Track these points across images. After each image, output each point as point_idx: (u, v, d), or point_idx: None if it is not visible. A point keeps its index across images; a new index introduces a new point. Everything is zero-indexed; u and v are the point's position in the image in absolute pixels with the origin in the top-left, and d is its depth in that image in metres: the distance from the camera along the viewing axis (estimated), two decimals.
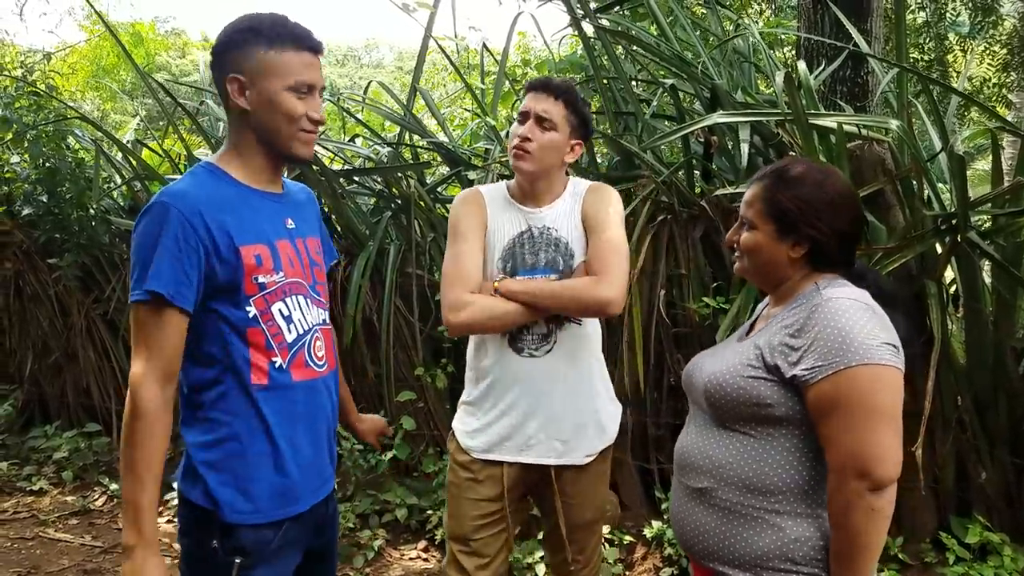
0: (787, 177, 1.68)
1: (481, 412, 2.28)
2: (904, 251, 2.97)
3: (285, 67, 1.68)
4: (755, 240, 1.71)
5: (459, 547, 2.28)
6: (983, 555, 3.07)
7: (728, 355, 1.72)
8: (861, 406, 1.48)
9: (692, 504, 1.71)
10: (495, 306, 2.13)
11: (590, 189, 2.29)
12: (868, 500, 1.47)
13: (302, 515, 1.78)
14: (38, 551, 4.08)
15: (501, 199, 2.31)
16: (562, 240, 2.22)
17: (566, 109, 2.20)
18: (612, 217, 2.21)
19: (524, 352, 2.20)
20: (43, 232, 5.08)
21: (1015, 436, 3.14)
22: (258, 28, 1.68)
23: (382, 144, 4.91)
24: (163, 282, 1.58)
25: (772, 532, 1.59)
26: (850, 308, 1.54)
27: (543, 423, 2.20)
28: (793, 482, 1.59)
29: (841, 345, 1.49)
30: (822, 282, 1.66)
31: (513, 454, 2.23)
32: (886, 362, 1.49)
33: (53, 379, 5.59)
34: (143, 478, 1.58)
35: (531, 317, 2.15)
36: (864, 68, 5.04)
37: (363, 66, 41.62)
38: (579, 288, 2.10)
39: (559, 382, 2.20)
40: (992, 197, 3.04)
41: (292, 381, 1.75)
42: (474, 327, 2.20)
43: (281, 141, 1.73)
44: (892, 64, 3.92)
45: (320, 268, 1.92)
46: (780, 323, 1.64)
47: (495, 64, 5.06)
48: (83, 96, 14.51)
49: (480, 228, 2.25)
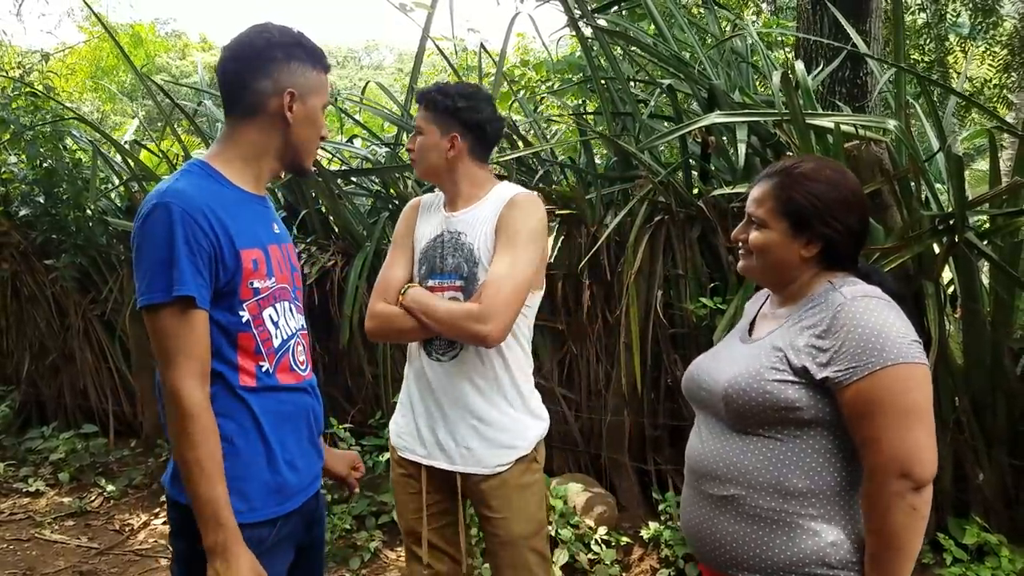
0: (801, 175, 1.65)
1: (402, 413, 2.36)
2: (902, 251, 2.96)
3: (323, 88, 1.80)
4: (767, 238, 1.67)
5: (410, 540, 2.36)
6: (980, 556, 3.06)
7: (739, 358, 1.69)
8: (898, 406, 1.47)
9: (715, 513, 1.66)
10: (398, 321, 2.20)
11: (511, 202, 2.20)
12: (909, 500, 1.45)
13: (294, 512, 1.78)
14: (34, 552, 4.07)
15: (435, 205, 2.35)
16: (467, 245, 2.20)
17: (427, 111, 2.23)
18: (520, 237, 2.13)
19: (433, 356, 2.24)
20: (40, 233, 5.08)
21: (1013, 437, 3.13)
22: (303, 45, 1.76)
23: (380, 145, 4.91)
24: (188, 285, 1.57)
25: (808, 536, 1.55)
26: (877, 307, 1.53)
27: (449, 428, 2.21)
28: (825, 484, 1.57)
29: (875, 345, 1.48)
30: (836, 281, 1.64)
31: (427, 458, 2.25)
32: (918, 360, 1.49)
33: (50, 380, 5.59)
34: (213, 475, 1.58)
35: (429, 333, 2.19)
36: (863, 69, 5.04)
37: (363, 68, 41.64)
38: (458, 317, 2.09)
39: (464, 388, 2.19)
40: (990, 197, 3.03)
41: (279, 383, 1.75)
42: (383, 337, 2.41)
43: (305, 155, 1.82)
44: (890, 64, 3.92)
45: (299, 273, 1.94)
46: (800, 324, 1.61)
47: (493, 66, 5.05)
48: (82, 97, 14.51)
49: (408, 235, 2.34)
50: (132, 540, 4.20)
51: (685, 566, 3.34)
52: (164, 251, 1.57)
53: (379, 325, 2.25)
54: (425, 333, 2.19)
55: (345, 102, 5.72)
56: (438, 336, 2.20)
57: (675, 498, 3.60)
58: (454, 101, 2.20)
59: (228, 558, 1.57)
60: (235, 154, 1.76)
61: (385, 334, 2.31)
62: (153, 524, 4.36)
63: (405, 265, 2.30)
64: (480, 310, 2.05)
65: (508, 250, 2.12)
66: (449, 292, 2.21)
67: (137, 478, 4.83)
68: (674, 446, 3.77)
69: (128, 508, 4.57)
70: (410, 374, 2.33)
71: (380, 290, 2.27)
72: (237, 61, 1.73)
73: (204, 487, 1.57)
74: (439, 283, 2.23)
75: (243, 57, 1.73)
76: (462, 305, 2.12)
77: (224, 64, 1.74)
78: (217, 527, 1.57)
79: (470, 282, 2.18)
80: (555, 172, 4.19)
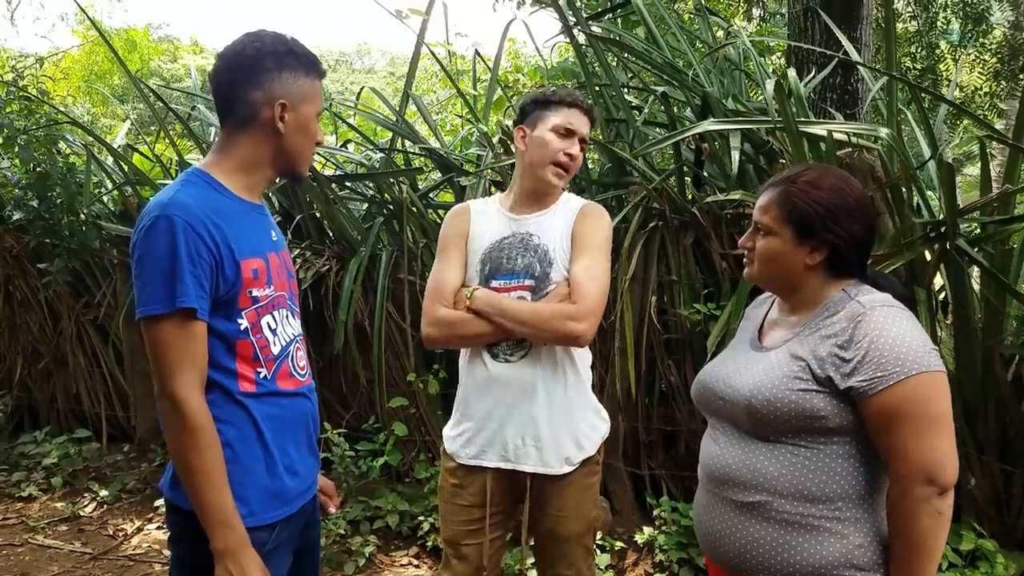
0: (806, 183, 1.67)
1: (463, 417, 2.30)
2: (893, 258, 2.99)
3: (317, 95, 1.79)
4: (772, 246, 1.70)
5: (451, 551, 2.32)
6: (973, 561, 3.08)
7: (758, 367, 1.70)
8: (923, 415, 1.50)
9: (740, 519, 1.67)
10: (465, 325, 2.18)
11: (587, 208, 2.29)
12: (935, 505, 1.49)
13: (292, 516, 1.80)
14: (27, 558, 4.06)
15: (491, 209, 2.35)
16: (542, 247, 2.22)
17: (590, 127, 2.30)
18: (602, 244, 2.23)
19: (499, 357, 2.22)
20: (33, 237, 5.07)
21: (1004, 443, 3.15)
22: (296, 53, 1.75)
23: (374, 150, 4.92)
24: (190, 297, 1.58)
25: (836, 540, 1.57)
26: (898, 317, 1.56)
27: (519, 429, 2.20)
28: (852, 488, 1.59)
29: (898, 355, 1.50)
30: (851, 289, 1.66)
31: (493, 460, 2.24)
32: (938, 368, 1.52)
33: (43, 384, 5.57)
34: (219, 482, 1.61)
35: (502, 336, 2.18)
36: (854, 76, 5.06)
37: (355, 71, 41.62)
38: (550, 317, 2.11)
39: (534, 388, 2.20)
40: (980, 205, 3.06)
41: (278, 389, 1.77)
42: (445, 344, 2.30)
43: (300, 162, 1.81)
44: (881, 72, 3.95)
45: (294, 279, 1.94)
46: (819, 332, 1.63)
47: (487, 71, 5.07)
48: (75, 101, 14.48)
49: (461, 240, 2.30)
50: (126, 545, 4.19)
51: (679, 571, 3.35)
52: (166, 263, 1.58)
53: (444, 332, 2.21)
54: (496, 336, 2.18)
55: (339, 106, 5.72)
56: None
57: (669, 503, 3.61)
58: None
59: (239, 559, 1.60)
60: (232, 164, 1.76)
61: (448, 340, 2.26)
62: (147, 529, 4.35)
63: (459, 268, 2.27)
64: (576, 310, 2.10)
65: (592, 255, 2.19)
66: (517, 292, 2.21)
67: (131, 483, 4.81)
68: (668, 451, 3.79)
69: (122, 513, 4.56)
70: (469, 380, 2.28)
71: (436, 295, 2.23)
72: (229, 71, 1.73)
73: (212, 493, 1.59)
74: (506, 283, 2.22)
75: (234, 67, 1.73)
76: (554, 305, 2.14)
77: (217, 75, 1.75)
78: (226, 531, 1.60)
79: (541, 281, 2.20)
80: None
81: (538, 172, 2.24)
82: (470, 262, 2.28)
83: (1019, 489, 3.15)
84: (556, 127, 2.22)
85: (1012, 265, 3.16)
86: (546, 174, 2.23)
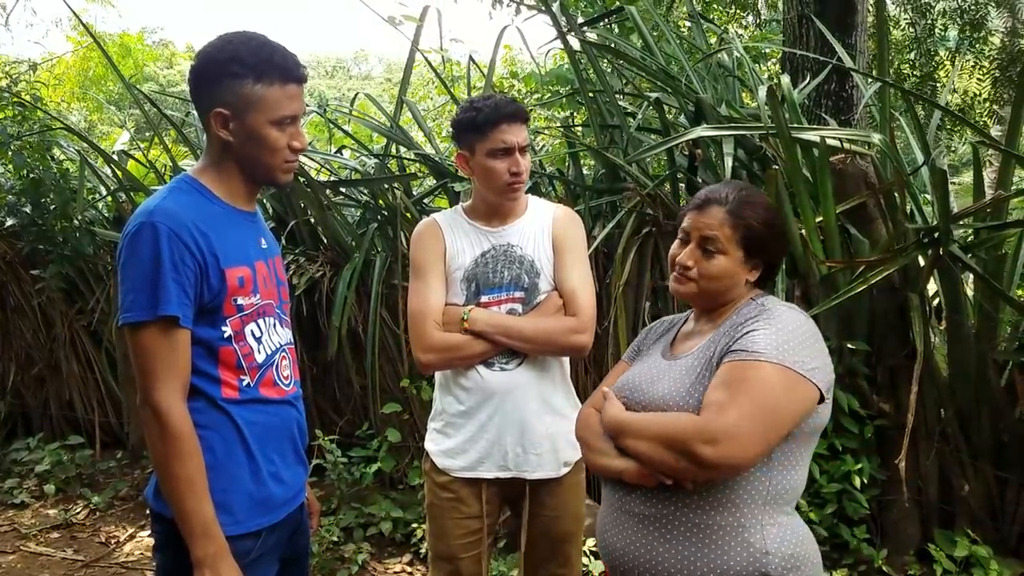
0: (749, 202, 1.68)
1: (455, 430, 2.26)
2: (887, 264, 2.98)
3: (270, 102, 1.67)
4: (723, 265, 1.67)
5: (447, 566, 2.29)
6: (967, 568, 3.07)
7: (668, 375, 1.67)
8: (760, 396, 1.49)
9: (643, 532, 1.61)
10: (466, 347, 2.16)
11: (560, 213, 2.29)
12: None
13: (278, 523, 1.78)
14: (19, 565, 4.04)
15: (459, 222, 2.30)
16: (527, 258, 2.21)
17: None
18: (583, 250, 2.25)
19: (494, 366, 2.20)
20: (27, 243, 5.06)
21: (998, 449, 3.15)
22: (242, 59, 1.65)
23: (369, 156, 4.92)
24: (172, 305, 1.58)
25: (742, 548, 1.53)
26: (801, 317, 1.61)
27: (518, 436, 2.19)
28: (757, 493, 1.56)
29: (774, 343, 1.52)
30: (759, 298, 1.70)
31: (492, 470, 2.22)
32: (802, 373, 1.51)
33: (36, 391, 5.55)
34: (200, 491, 1.60)
35: (501, 349, 2.18)
36: (849, 82, 5.08)
37: (352, 78, 41.65)
38: (555, 332, 2.14)
39: (530, 394, 2.20)
40: (974, 211, 3.06)
41: (261, 396, 1.76)
42: (446, 367, 2.25)
43: (263, 171, 1.75)
44: (875, 79, 3.95)
45: (285, 287, 1.93)
46: (727, 328, 1.65)
47: (482, 78, 5.07)
48: (69, 107, 14.47)
49: (439, 259, 2.25)
50: (118, 552, 4.17)
51: None
52: (150, 270, 1.57)
53: (444, 356, 2.18)
54: (496, 352, 2.18)
55: (334, 113, 5.72)
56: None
57: None
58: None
59: (218, 569, 1.59)
60: (211, 170, 1.76)
61: (449, 364, 2.21)
62: (139, 536, 4.33)
63: (442, 288, 2.23)
64: (578, 322, 2.13)
65: (577, 262, 2.21)
66: (507, 304, 2.20)
67: (123, 490, 4.80)
68: None
69: (114, 520, 4.54)
70: (458, 391, 2.24)
71: (426, 318, 2.18)
72: (190, 81, 1.73)
73: (192, 502, 1.58)
74: (496, 296, 2.21)
75: (191, 78, 1.72)
76: (556, 319, 2.16)
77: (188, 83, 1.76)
78: (206, 540, 1.58)
79: (530, 292, 2.20)
80: (543, 184, 4.20)
81: (493, 198, 2.23)
82: (452, 280, 2.24)
83: (1013, 495, 3.14)
84: (492, 152, 2.15)
85: (1005, 271, 3.15)
86: (502, 199, 2.22)
